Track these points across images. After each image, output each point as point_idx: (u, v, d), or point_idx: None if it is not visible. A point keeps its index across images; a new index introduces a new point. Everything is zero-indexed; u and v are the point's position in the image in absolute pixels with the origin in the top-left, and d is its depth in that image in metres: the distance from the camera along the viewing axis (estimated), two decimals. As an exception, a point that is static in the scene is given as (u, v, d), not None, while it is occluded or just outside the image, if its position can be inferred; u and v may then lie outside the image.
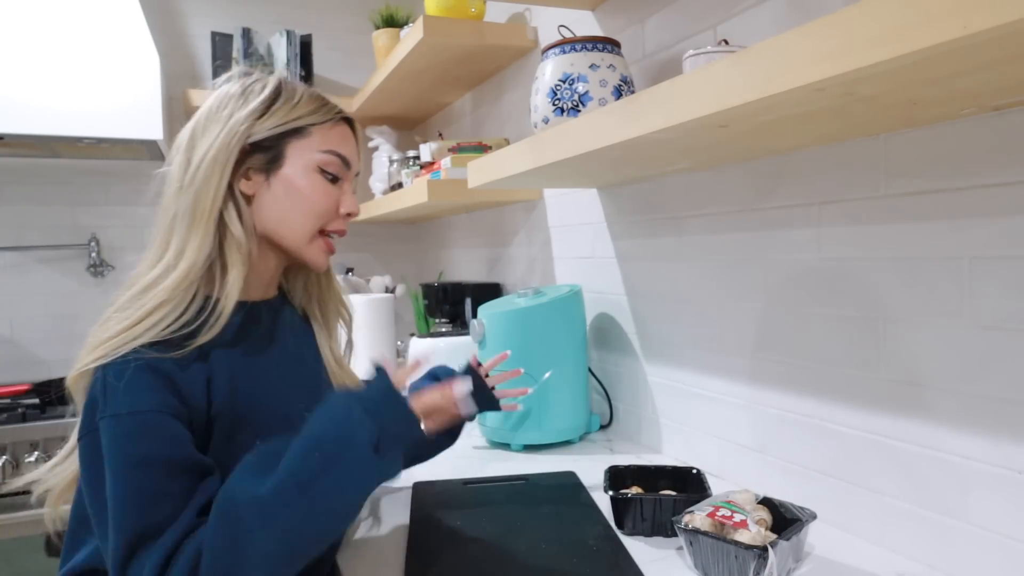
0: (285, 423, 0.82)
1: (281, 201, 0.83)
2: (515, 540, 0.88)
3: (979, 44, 0.45)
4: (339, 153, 0.85)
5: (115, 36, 1.96)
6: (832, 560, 0.82)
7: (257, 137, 0.81)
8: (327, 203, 0.86)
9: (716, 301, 1.11)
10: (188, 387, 0.74)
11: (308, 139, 0.84)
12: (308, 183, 0.84)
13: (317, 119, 0.84)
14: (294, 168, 0.83)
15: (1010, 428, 0.71)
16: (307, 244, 0.86)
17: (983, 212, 0.72)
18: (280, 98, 0.83)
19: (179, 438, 0.71)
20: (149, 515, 0.66)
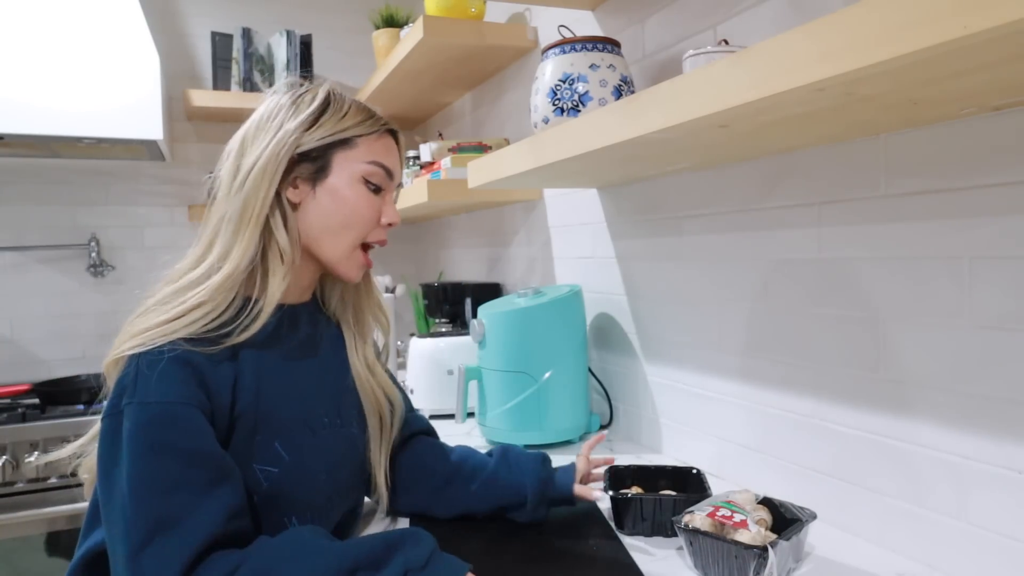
0: (305, 429, 0.83)
1: (326, 210, 0.84)
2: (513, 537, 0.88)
3: (979, 44, 0.45)
4: (383, 164, 0.86)
5: (115, 36, 1.96)
6: (832, 560, 0.82)
7: (306, 147, 0.82)
8: (369, 213, 0.86)
9: (716, 301, 1.11)
10: (216, 384, 0.75)
11: (354, 150, 0.85)
12: (352, 193, 0.85)
13: (363, 130, 0.85)
14: (340, 178, 0.84)
15: (1010, 428, 0.71)
16: (346, 256, 0.87)
17: (983, 212, 0.72)
18: (329, 109, 0.84)
19: (203, 432, 0.72)
20: (167, 502, 0.67)
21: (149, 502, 0.66)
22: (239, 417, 0.77)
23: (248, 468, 0.77)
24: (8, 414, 1.83)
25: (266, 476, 0.78)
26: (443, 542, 0.76)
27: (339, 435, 0.88)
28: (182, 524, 0.66)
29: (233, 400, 0.77)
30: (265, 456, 0.78)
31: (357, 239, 0.87)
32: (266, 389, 0.80)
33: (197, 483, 0.69)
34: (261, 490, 0.78)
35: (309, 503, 0.82)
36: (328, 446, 0.86)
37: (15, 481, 1.76)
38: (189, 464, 0.69)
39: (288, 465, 0.80)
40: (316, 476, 0.83)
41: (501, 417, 1.31)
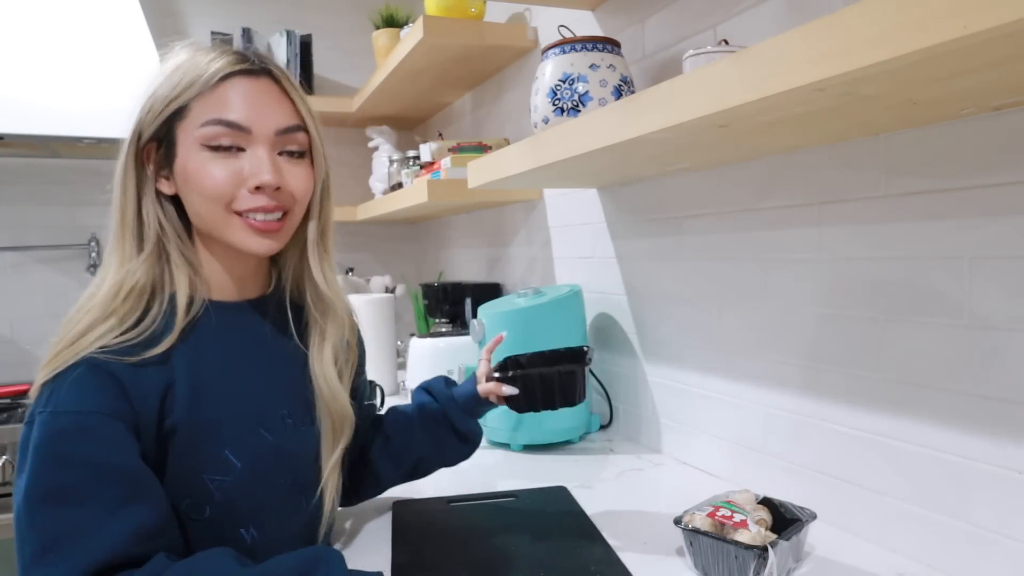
0: (258, 432, 0.78)
1: (185, 193, 0.75)
2: (508, 566, 0.82)
3: (979, 44, 0.45)
4: (219, 119, 0.72)
5: (115, 36, 1.96)
6: (832, 560, 0.82)
7: (148, 132, 0.75)
8: (220, 180, 0.73)
9: (716, 301, 1.11)
10: (141, 392, 0.69)
11: (190, 117, 0.73)
12: (195, 164, 0.73)
13: (194, 91, 0.72)
14: (183, 153, 0.74)
15: (1010, 428, 0.71)
16: (225, 229, 0.75)
17: (983, 212, 0.72)
18: (166, 79, 0.74)
19: (118, 444, 0.66)
20: (66, 518, 0.62)
21: (45, 516, 0.62)
22: (176, 427, 0.71)
23: (197, 479, 0.72)
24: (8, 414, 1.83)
25: (217, 486, 0.73)
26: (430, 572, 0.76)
27: (307, 433, 0.82)
28: (80, 542, 0.61)
29: (163, 409, 0.71)
30: (214, 466, 0.73)
31: (218, 209, 0.74)
32: (207, 395, 0.74)
33: (104, 499, 0.63)
34: (213, 501, 0.73)
35: (268, 510, 0.78)
36: (291, 447, 0.80)
37: (15, 481, 1.76)
38: (98, 479, 0.64)
39: (241, 472, 0.74)
40: (274, 480, 0.78)
41: (501, 417, 1.31)
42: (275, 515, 0.79)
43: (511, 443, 1.32)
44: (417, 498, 1.06)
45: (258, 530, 0.76)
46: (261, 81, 0.76)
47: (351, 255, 2.61)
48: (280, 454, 0.79)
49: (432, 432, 0.96)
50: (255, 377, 0.80)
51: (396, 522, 0.98)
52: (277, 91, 0.77)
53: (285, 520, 0.80)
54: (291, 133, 0.77)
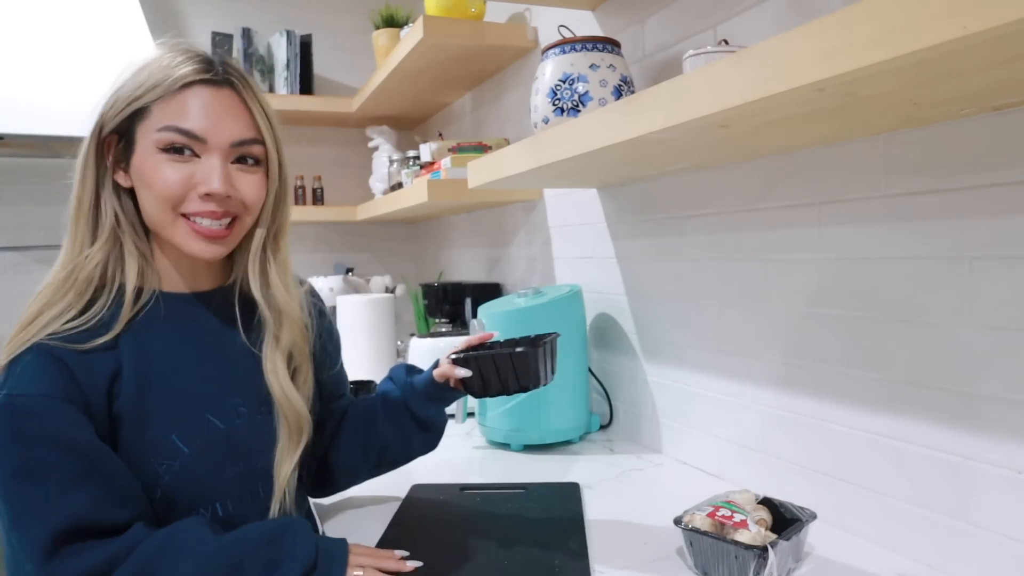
0: (206, 420, 0.80)
1: (139, 189, 0.78)
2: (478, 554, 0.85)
3: (978, 45, 0.45)
4: (175, 127, 0.75)
5: (115, 36, 1.96)
6: (832, 560, 0.82)
7: (108, 126, 0.77)
8: (170, 184, 0.75)
9: (716, 301, 1.11)
10: (89, 377, 0.72)
11: (150, 118, 0.76)
12: (148, 166, 0.76)
13: (156, 94, 0.75)
14: (140, 152, 0.77)
15: (1010, 428, 0.71)
16: (171, 230, 0.78)
17: (983, 212, 0.72)
18: (130, 80, 0.77)
19: (72, 423, 0.70)
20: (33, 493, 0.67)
21: (14, 491, 0.67)
22: (124, 412, 0.74)
23: (145, 464, 0.75)
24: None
25: (166, 470, 0.76)
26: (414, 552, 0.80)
27: (264, 422, 0.84)
28: (45, 511, 0.66)
29: (110, 394, 0.74)
30: (161, 450, 0.76)
31: (164, 210, 0.77)
32: (154, 381, 0.77)
33: (63, 472, 0.68)
34: (162, 484, 0.75)
35: (222, 496, 0.80)
36: (244, 435, 0.82)
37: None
38: (56, 454, 0.68)
39: (188, 457, 0.77)
40: (226, 467, 0.80)
41: (501, 417, 1.31)
42: (230, 501, 0.81)
43: (511, 443, 1.32)
44: (433, 482, 1.12)
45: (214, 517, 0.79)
46: (222, 91, 0.78)
47: (351, 255, 2.61)
48: (231, 441, 0.81)
49: (394, 420, 0.97)
50: (203, 367, 0.82)
51: (406, 502, 1.04)
52: (237, 102, 0.79)
53: (242, 506, 0.82)
54: (246, 145, 0.79)
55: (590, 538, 0.89)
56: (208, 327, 0.84)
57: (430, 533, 0.92)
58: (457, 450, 1.34)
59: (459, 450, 1.34)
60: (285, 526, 0.74)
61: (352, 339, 1.85)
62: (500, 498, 1.05)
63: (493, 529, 0.93)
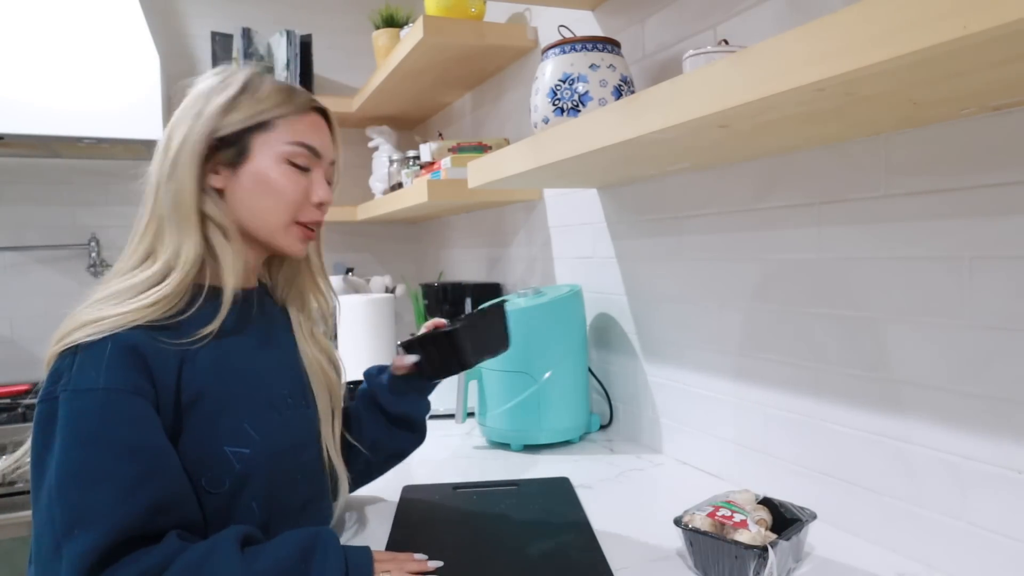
0: (270, 408, 0.83)
1: (250, 192, 0.84)
2: (495, 549, 0.87)
3: (979, 44, 0.45)
4: (306, 143, 0.86)
5: (115, 36, 1.96)
6: (832, 560, 0.82)
7: (223, 132, 0.82)
8: (296, 192, 0.86)
9: (716, 301, 1.11)
10: (161, 368, 0.74)
11: (274, 132, 0.84)
12: (276, 174, 0.84)
13: (282, 112, 0.84)
14: (261, 161, 0.84)
15: (1010, 428, 0.71)
16: (282, 233, 0.87)
17: (983, 212, 0.72)
18: (245, 93, 0.84)
19: (139, 420, 0.71)
20: (88, 496, 0.66)
21: (71, 494, 0.66)
22: (196, 400, 0.76)
23: (219, 451, 0.76)
24: (8, 414, 1.83)
25: (239, 458, 0.78)
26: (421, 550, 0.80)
27: (301, 415, 0.88)
28: (99, 519, 0.65)
29: (179, 384, 0.76)
30: (236, 438, 0.78)
31: (287, 218, 0.86)
32: (226, 370, 0.80)
33: (123, 477, 0.68)
34: (234, 472, 0.77)
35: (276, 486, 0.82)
36: (293, 425, 0.86)
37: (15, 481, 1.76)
38: (117, 457, 0.68)
39: (259, 445, 0.80)
40: (284, 455, 0.83)
41: (501, 417, 1.31)
42: (279, 491, 0.83)
43: (511, 443, 1.32)
44: (426, 483, 1.12)
45: (265, 505, 0.80)
46: (323, 120, 0.91)
47: (351, 255, 2.61)
48: (286, 431, 0.85)
49: (374, 420, 1.02)
50: (261, 358, 0.87)
51: (402, 503, 1.04)
52: (329, 131, 0.92)
53: (285, 497, 0.84)
54: (334, 164, 0.93)
55: (590, 538, 0.89)
56: (260, 321, 0.89)
57: (438, 533, 0.93)
58: (457, 450, 1.34)
59: (459, 450, 1.34)
60: (316, 541, 0.74)
61: (352, 339, 1.85)
62: (495, 495, 1.06)
63: (497, 526, 0.94)
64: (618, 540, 0.89)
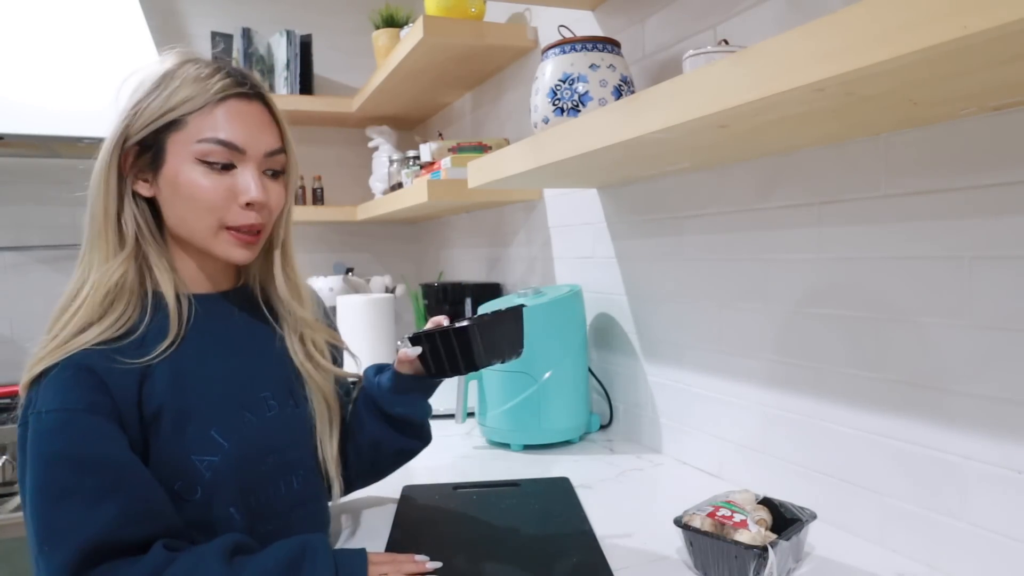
0: (242, 413, 0.81)
1: (171, 200, 0.79)
2: (496, 549, 0.87)
3: (979, 44, 0.45)
4: (218, 139, 0.76)
5: (115, 36, 1.96)
6: (832, 560, 0.82)
7: (136, 136, 0.77)
8: (213, 195, 0.78)
9: (716, 301, 1.11)
10: (119, 385, 0.72)
11: (185, 130, 0.77)
12: (187, 178, 0.77)
13: (192, 106, 0.76)
14: (174, 163, 0.77)
15: (1010, 428, 0.71)
16: (212, 239, 0.80)
17: (983, 212, 0.72)
18: (158, 89, 0.77)
19: (98, 436, 0.70)
20: (55, 512, 0.66)
21: (40, 512, 0.67)
22: (159, 412, 0.74)
23: (187, 462, 0.75)
24: (8, 414, 1.83)
25: (207, 466, 0.76)
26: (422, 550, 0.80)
27: (288, 415, 0.86)
28: (66, 535, 0.65)
29: (141, 398, 0.74)
30: (202, 446, 0.76)
31: (211, 224, 0.79)
32: (188, 379, 0.77)
33: (87, 491, 0.67)
34: (204, 481, 0.75)
35: (256, 490, 0.80)
36: (275, 428, 0.84)
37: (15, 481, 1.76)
38: (80, 472, 0.68)
39: (228, 452, 0.77)
40: (260, 460, 0.81)
41: (501, 417, 1.31)
42: (262, 495, 0.81)
43: (511, 443, 1.32)
44: (426, 483, 1.12)
45: (246, 509, 0.79)
46: (254, 104, 0.81)
47: (351, 255, 2.61)
48: (265, 434, 0.82)
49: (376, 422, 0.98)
50: (233, 362, 0.83)
51: (402, 503, 1.04)
52: (267, 115, 0.82)
53: (271, 500, 0.82)
54: (275, 155, 0.83)
55: (590, 538, 0.89)
56: (234, 324, 0.86)
57: (438, 533, 0.92)
58: (457, 450, 1.34)
59: (459, 450, 1.34)
60: (304, 550, 0.72)
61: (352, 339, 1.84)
62: (495, 495, 1.05)
63: (499, 526, 0.94)
64: (618, 540, 0.89)
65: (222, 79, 0.78)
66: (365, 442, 0.98)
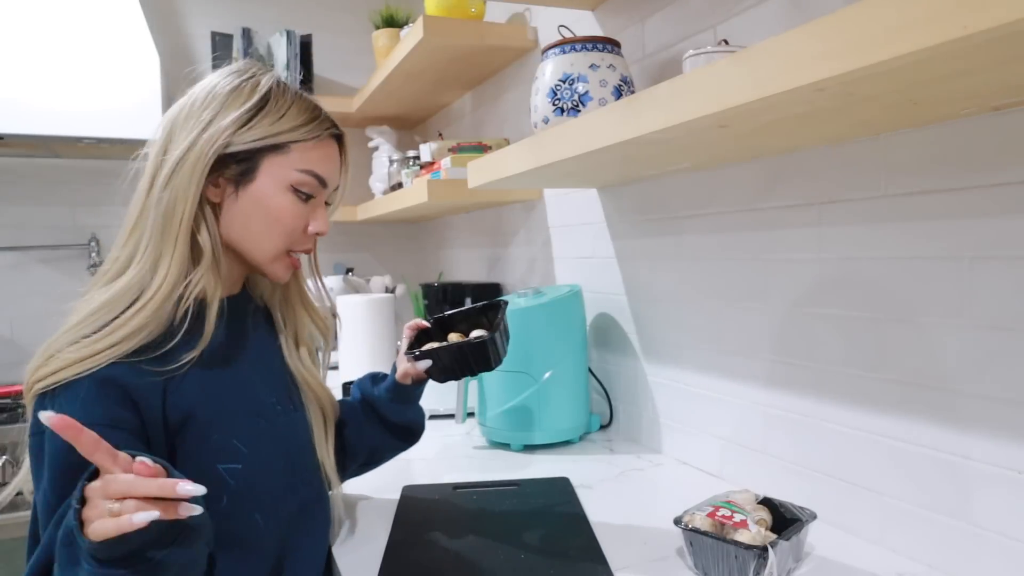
0: (259, 419, 0.81)
1: (247, 215, 0.80)
2: (495, 548, 0.87)
3: (979, 44, 0.45)
4: (316, 173, 0.81)
5: (115, 36, 1.96)
6: (832, 560, 0.82)
7: (234, 148, 0.77)
8: (295, 223, 0.82)
9: (716, 301, 1.11)
10: (144, 395, 0.71)
11: (286, 156, 0.79)
12: (277, 202, 0.80)
13: (300, 136, 0.79)
14: (266, 184, 0.79)
15: (1010, 428, 0.71)
16: (270, 260, 0.83)
17: (983, 212, 0.72)
18: (266, 108, 0.78)
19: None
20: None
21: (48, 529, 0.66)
22: (184, 421, 0.74)
23: (212, 471, 0.74)
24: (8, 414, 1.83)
25: (232, 474, 0.76)
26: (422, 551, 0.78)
27: (293, 419, 0.87)
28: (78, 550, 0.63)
29: (166, 407, 0.73)
30: (226, 455, 0.76)
31: (280, 246, 0.82)
32: (211, 387, 0.77)
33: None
34: (229, 490, 0.75)
35: (272, 494, 0.80)
36: (284, 432, 0.85)
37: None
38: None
39: (248, 459, 0.78)
40: (275, 464, 0.82)
41: (501, 417, 1.31)
42: (277, 499, 0.81)
43: (511, 443, 1.32)
44: (426, 483, 1.12)
45: (265, 514, 0.79)
46: (339, 146, 0.87)
47: (351, 255, 2.61)
48: (276, 440, 0.83)
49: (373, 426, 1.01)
50: (244, 368, 0.83)
51: (402, 503, 1.04)
52: (341, 157, 0.88)
53: (284, 503, 0.82)
54: (337, 190, 0.89)
55: (590, 538, 0.89)
56: (242, 329, 0.86)
57: (438, 533, 0.93)
58: (457, 450, 1.34)
59: (459, 450, 1.34)
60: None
61: (352, 339, 1.85)
62: (495, 495, 1.06)
63: (499, 525, 0.94)
64: (618, 540, 0.89)
65: (327, 119, 0.84)
66: (363, 448, 1.00)
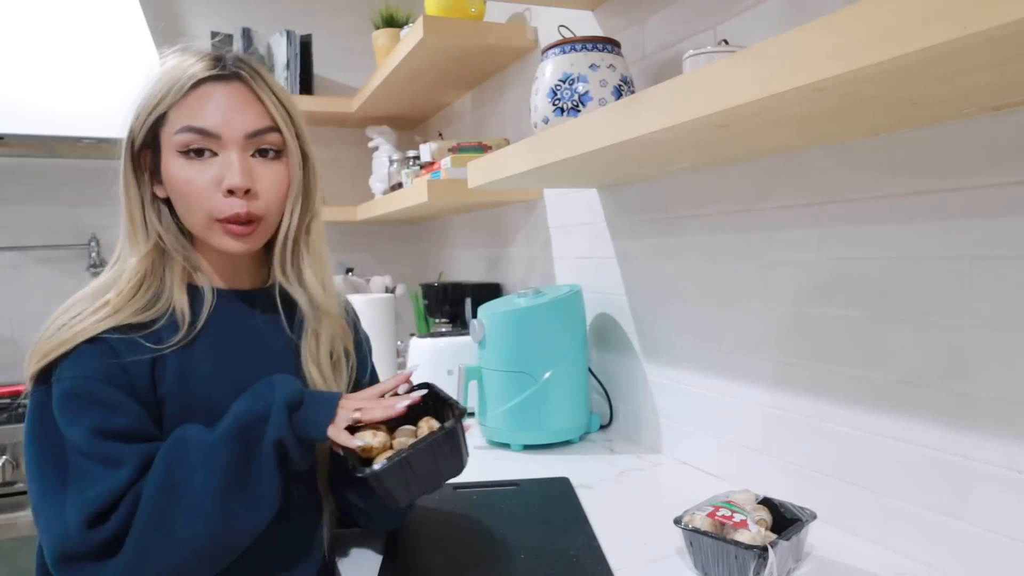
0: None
1: (173, 198, 0.79)
2: (495, 548, 0.87)
3: (979, 44, 0.45)
4: (191, 126, 0.74)
5: (115, 36, 1.96)
6: (832, 560, 0.82)
7: (139, 140, 0.78)
8: (197, 187, 0.75)
9: (716, 301, 1.11)
10: (134, 362, 0.74)
11: (168, 124, 0.76)
12: (174, 174, 0.76)
13: (172, 98, 0.75)
14: (165, 161, 0.77)
15: (1010, 428, 0.71)
16: (206, 232, 0.78)
17: (983, 212, 0.72)
18: (146, 87, 0.77)
19: (115, 405, 0.71)
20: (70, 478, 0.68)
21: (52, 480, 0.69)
22: (165, 400, 0.76)
23: None
24: (8, 414, 1.83)
25: None
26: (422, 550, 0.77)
27: None
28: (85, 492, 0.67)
29: (153, 381, 0.75)
30: None
31: (203, 216, 0.77)
32: (194, 373, 0.77)
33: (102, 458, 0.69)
34: None
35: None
36: None
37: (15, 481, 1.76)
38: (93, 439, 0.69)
39: None
40: None
41: (501, 417, 1.31)
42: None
43: (511, 443, 1.32)
44: None
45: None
46: (232, 85, 0.77)
47: (351, 255, 2.60)
48: None
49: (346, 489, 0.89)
50: (242, 362, 0.82)
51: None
52: (248, 94, 0.78)
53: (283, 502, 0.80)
54: (261, 135, 0.78)
55: (590, 538, 0.89)
56: (251, 325, 0.84)
57: (439, 533, 0.93)
58: (457, 450, 1.34)
59: (459, 450, 1.34)
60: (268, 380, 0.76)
61: (352, 339, 1.84)
62: (495, 495, 1.06)
63: (497, 526, 0.94)
64: (618, 540, 0.89)
65: (195, 64, 0.76)
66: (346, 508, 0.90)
